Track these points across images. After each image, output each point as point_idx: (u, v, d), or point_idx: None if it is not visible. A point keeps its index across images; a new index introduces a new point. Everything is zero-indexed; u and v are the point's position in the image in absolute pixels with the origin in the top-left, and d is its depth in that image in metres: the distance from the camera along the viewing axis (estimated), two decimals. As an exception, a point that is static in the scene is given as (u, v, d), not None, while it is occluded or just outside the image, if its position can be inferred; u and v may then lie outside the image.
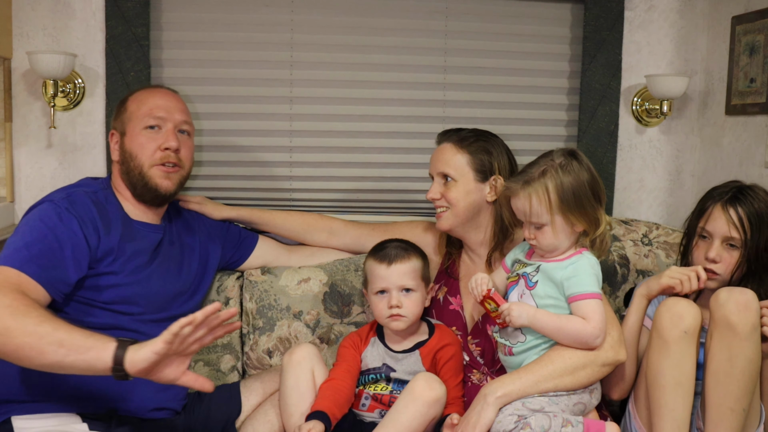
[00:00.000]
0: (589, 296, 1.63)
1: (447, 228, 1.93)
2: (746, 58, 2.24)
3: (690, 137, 2.54)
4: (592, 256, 1.68)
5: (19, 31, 2.26)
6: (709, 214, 1.83)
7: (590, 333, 1.62)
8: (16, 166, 2.32)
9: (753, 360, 1.62)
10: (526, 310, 1.64)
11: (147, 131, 1.84)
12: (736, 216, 1.78)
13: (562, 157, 1.66)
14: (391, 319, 1.83)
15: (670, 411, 1.65)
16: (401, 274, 1.84)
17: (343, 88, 2.41)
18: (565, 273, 1.65)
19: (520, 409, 1.62)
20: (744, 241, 1.78)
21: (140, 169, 1.82)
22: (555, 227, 1.65)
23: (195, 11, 2.34)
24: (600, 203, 1.67)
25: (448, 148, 1.92)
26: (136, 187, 1.84)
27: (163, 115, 1.85)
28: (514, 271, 1.76)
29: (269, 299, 2.12)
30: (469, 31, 2.43)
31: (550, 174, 1.64)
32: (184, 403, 1.90)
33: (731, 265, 1.80)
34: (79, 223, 1.70)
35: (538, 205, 1.64)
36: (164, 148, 1.83)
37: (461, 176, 1.89)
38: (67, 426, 1.65)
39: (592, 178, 1.66)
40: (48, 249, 1.64)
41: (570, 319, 1.64)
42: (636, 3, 2.46)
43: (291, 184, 2.44)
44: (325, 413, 1.69)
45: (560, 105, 2.50)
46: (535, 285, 1.68)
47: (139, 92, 1.92)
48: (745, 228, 1.78)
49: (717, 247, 1.81)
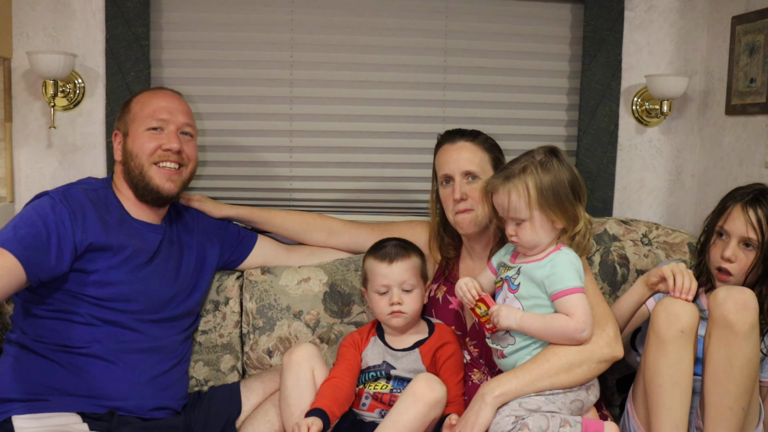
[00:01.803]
0: (570, 291, 1.63)
1: (475, 228, 1.88)
2: (746, 58, 2.24)
3: (690, 137, 2.54)
4: (570, 251, 1.68)
5: (19, 31, 2.27)
6: (729, 214, 1.84)
7: (575, 328, 1.62)
8: (16, 166, 2.32)
9: (752, 359, 1.62)
10: (514, 313, 1.65)
11: (149, 132, 1.85)
12: (755, 217, 1.79)
13: (543, 155, 1.68)
14: (392, 316, 1.84)
15: (668, 410, 1.65)
16: (402, 271, 1.85)
17: (343, 88, 2.41)
18: (545, 271, 1.65)
19: (517, 409, 1.62)
20: (761, 243, 1.78)
21: (140, 169, 1.83)
22: (534, 223, 1.66)
23: (195, 11, 2.35)
24: (580, 201, 1.69)
25: (468, 147, 1.91)
26: (137, 187, 1.85)
27: (165, 117, 1.87)
28: (499, 274, 1.77)
29: (269, 299, 2.12)
30: (469, 31, 2.43)
31: (530, 170, 1.65)
32: (184, 403, 1.90)
33: (746, 266, 1.81)
34: (70, 216, 1.72)
35: (517, 201, 1.65)
36: (165, 148, 1.85)
37: (485, 174, 1.88)
38: (67, 425, 1.65)
39: (572, 177, 1.67)
40: (35, 234, 1.66)
41: (554, 318, 1.64)
42: (636, 3, 2.46)
43: (291, 184, 2.44)
44: (323, 411, 1.69)
45: (560, 105, 2.50)
46: (517, 288, 1.69)
47: (143, 94, 1.93)
48: (763, 230, 1.78)
49: (733, 246, 1.82)
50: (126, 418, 1.72)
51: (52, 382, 1.69)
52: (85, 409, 1.69)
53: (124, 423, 1.71)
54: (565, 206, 1.65)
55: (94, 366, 1.72)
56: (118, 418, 1.71)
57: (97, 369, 1.73)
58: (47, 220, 1.69)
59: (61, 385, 1.69)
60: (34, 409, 1.66)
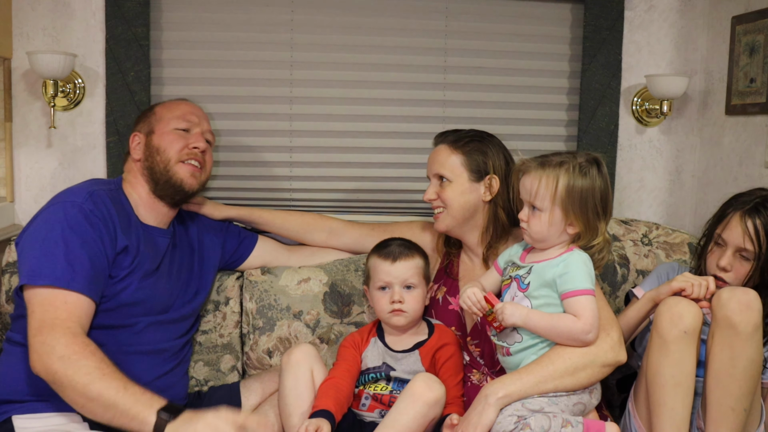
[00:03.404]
0: (580, 293, 1.63)
1: (444, 228, 1.94)
2: (746, 58, 2.24)
3: (690, 137, 2.54)
4: (584, 253, 1.68)
5: (19, 31, 2.27)
6: (727, 222, 1.82)
7: (581, 329, 1.62)
8: (16, 166, 2.32)
9: (754, 360, 1.62)
10: (519, 310, 1.65)
11: (177, 132, 1.90)
12: (753, 228, 1.77)
13: (585, 159, 1.68)
14: (392, 314, 1.84)
15: (670, 410, 1.65)
16: (404, 270, 1.86)
17: (343, 88, 2.41)
18: (557, 270, 1.65)
19: (520, 409, 1.62)
20: (757, 254, 1.78)
21: (167, 163, 1.86)
22: (550, 218, 1.66)
23: (195, 11, 2.34)
24: (604, 216, 1.68)
25: (442, 150, 1.94)
26: (158, 182, 1.86)
27: (194, 120, 1.93)
28: (507, 273, 1.77)
29: (269, 299, 2.12)
30: (469, 31, 2.43)
31: (566, 168, 1.65)
32: (185, 403, 1.90)
33: (741, 276, 1.80)
34: (104, 225, 1.72)
35: (544, 190, 1.65)
36: (193, 146, 1.89)
37: (456, 177, 1.90)
38: (68, 426, 1.65)
39: (604, 190, 1.67)
40: (88, 259, 1.65)
41: (561, 317, 1.64)
42: (636, 3, 2.46)
43: (291, 184, 2.44)
44: (330, 412, 1.69)
45: (560, 105, 2.50)
46: (527, 287, 1.68)
47: (167, 102, 2.00)
48: (760, 241, 1.77)
49: (729, 256, 1.81)
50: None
51: None
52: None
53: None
54: (587, 215, 1.65)
55: None
56: (119, 418, 1.70)
57: None
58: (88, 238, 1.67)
59: None
60: (35, 409, 1.66)
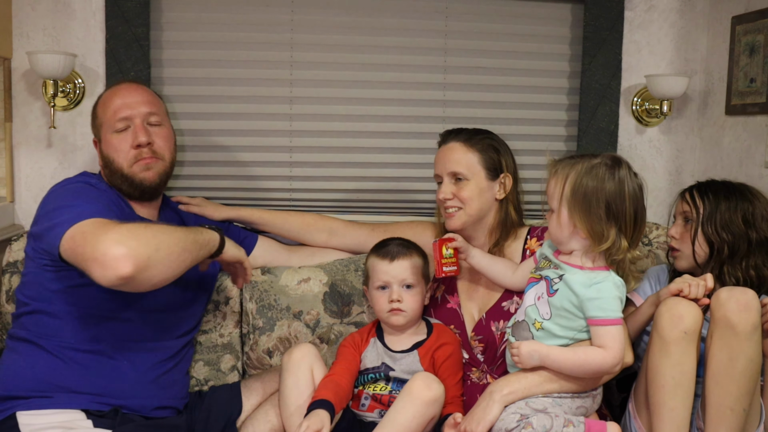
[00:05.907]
0: (611, 322, 1.61)
1: (459, 226, 1.91)
2: (746, 58, 2.24)
3: (690, 137, 2.54)
4: (617, 277, 1.65)
5: (19, 31, 2.26)
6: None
7: (610, 363, 1.61)
8: (16, 166, 2.32)
9: (753, 360, 1.62)
10: (537, 350, 1.64)
11: (117, 134, 1.85)
12: (689, 193, 1.92)
13: (600, 159, 1.65)
14: (391, 314, 1.85)
15: (670, 411, 1.65)
16: (403, 269, 1.85)
17: (343, 88, 2.41)
18: (589, 292, 1.61)
19: (523, 408, 1.63)
20: (697, 214, 1.86)
21: (121, 171, 1.84)
22: (559, 219, 1.65)
23: (195, 11, 2.34)
24: (613, 221, 1.61)
25: (457, 147, 1.92)
26: (122, 188, 1.86)
27: (127, 115, 1.85)
28: (540, 267, 1.75)
29: (269, 299, 2.12)
30: (469, 31, 2.43)
31: (577, 167, 1.64)
32: (186, 402, 1.90)
33: (687, 239, 1.88)
34: (108, 198, 1.76)
35: (553, 189, 1.66)
36: (136, 145, 1.84)
37: (473, 175, 1.89)
38: (71, 422, 1.65)
39: (616, 194, 1.61)
40: (105, 207, 1.68)
41: (587, 353, 1.62)
42: (636, 3, 2.46)
43: (291, 184, 2.44)
44: (329, 402, 1.69)
45: (560, 105, 2.50)
46: (555, 293, 1.67)
47: (104, 94, 1.93)
48: (695, 201, 1.87)
49: (677, 225, 1.93)
50: (130, 416, 1.73)
51: (57, 379, 1.69)
52: (89, 406, 1.69)
53: (127, 421, 1.71)
54: (591, 217, 1.61)
55: (99, 364, 1.73)
56: (122, 416, 1.71)
57: (102, 367, 1.73)
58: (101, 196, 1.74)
59: (65, 382, 1.69)
60: (39, 406, 1.66)
